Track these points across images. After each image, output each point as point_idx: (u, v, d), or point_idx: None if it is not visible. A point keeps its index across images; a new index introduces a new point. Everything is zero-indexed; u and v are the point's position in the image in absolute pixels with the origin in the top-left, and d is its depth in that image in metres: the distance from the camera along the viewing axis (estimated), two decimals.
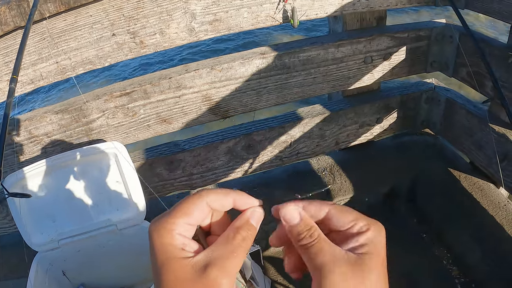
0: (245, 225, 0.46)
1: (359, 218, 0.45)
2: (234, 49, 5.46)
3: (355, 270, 0.41)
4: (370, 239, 0.44)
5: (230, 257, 0.43)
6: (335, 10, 1.49)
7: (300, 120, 1.67)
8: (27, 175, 1.31)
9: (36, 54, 1.33)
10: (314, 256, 0.43)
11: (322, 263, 0.42)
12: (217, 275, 0.41)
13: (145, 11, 1.33)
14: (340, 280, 0.41)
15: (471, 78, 1.57)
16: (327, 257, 0.42)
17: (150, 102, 1.46)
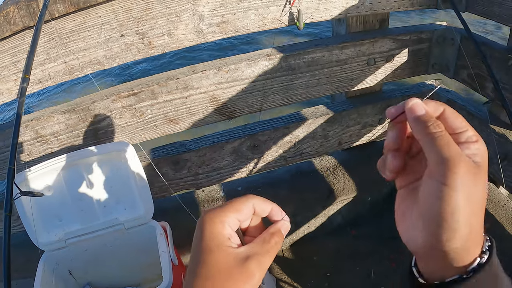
0: (278, 233, 0.50)
1: (469, 126, 0.45)
2: (239, 44, 5.52)
3: (473, 175, 0.41)
4: (480, 150, 0.44)
5: (266, 255, 0.47)
6: (339, 12, 1.51)
7: (304, 121, 1.69)
8: (34, 174, 1.31)
9: (45, 54, 1.34)
10: (442, 148, 0.42)
11: (450, 156, 0.41)
12: (254, 268, 0.45)
13: (154, 13, 1.35)
14: (464, 176, 0.40)
15: (472, 79, 1.60)
16: (455, 152, 0.41)
17: (157, 103, 1.48)
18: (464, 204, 0.40)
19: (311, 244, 1.75)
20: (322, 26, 5.78)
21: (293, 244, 1.76)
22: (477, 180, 0.41)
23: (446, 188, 0.40)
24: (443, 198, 0.40)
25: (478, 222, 0.42)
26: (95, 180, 1.39)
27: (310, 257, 1.71)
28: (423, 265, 0.48)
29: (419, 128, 0.44)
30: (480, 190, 0.42)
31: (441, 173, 0.41)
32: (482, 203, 0.43)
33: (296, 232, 1.75)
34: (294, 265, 1.70)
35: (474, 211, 0.41)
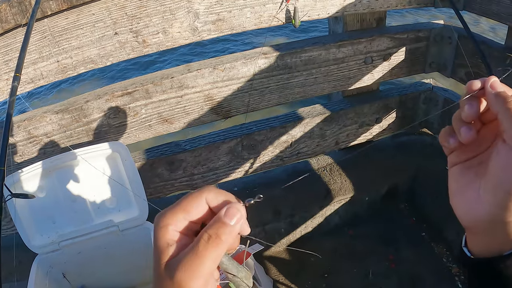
0: (214, 224, 0.42)
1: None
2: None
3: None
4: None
5: (194, 259, 0.41)
6: (336, 10, 1.50)
7: (301, 120, 1.67)
8: (26, 176, 1.29)
9: (37, 52, 1.31)
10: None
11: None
12: (181, 278, 0.40)
13: (148, 10, 1.33)
14: None
15: (469, 78, 1.59)
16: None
17: (152, 102, 1.45)
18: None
19: (308, 245, 1.74)
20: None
21: (290, 244, 1.74)
22: None
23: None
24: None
25: None
26: (88, 181, 1.37)
27: (307, 258, 1.70)
28: (479, 241, 0.51)
29: (500, 102, 0.47)
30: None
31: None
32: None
33: (293, 233, 1.73)
34: (292, 266, 1.68)
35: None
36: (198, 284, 0.40)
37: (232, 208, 0.43)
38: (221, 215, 0.42)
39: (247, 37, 5.74)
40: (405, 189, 1.90)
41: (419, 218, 1.86)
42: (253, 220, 1.68)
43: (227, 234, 0.42)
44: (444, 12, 5.27)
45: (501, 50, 1.48)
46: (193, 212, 0.43)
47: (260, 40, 5.50)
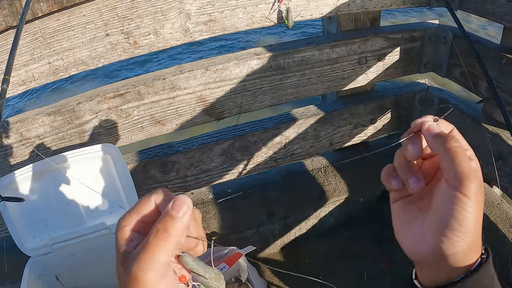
0: (161, 218, 0.44)
1: (469, 147, 0.51)
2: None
3: (480, 190, 0.47)
4: (478, 166, 0.49)
5: (145, 252, 0.42)
6: (330, 11, 1.49)
7: (295, 121, 1.66)
8: (18, 178, 1.28)
9: (28, 54, 1.30)
10: (461, 161, 0.47)
11: (469, 169, 0.47)
12: (136, 271, 0.42)
13: (140, 11, 1.32)
14: (475, 190, 0.46)
15: (465, 78, 1.58)
16: (471, 165, 0.47)
17: (144, 104, 1.45)
18: (475, 211, 0.46)
19: (302, 247, 1.73)
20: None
21: (284, 246, 1.74)
22: (482, 192, 0.48)
23: (463, 197, 0.46)
24: (460, 206, 0.46)
25: (480, 227, 0.49)
26: (81, 183, 1.36)
27: (301, 260, 1.69)
28: (428, 273, 0.53)
29: (439, 143, 0.50)
30: (482, 200, 0.48)
31: (460, 184, 0.46)
32: (481, 216, 0.49)
33: (287, 235, 1.72)
34: (286, 268, 1.67)
35: (479, 218, 0.48)
36: (152, 276, 0.42)
37: (178, 200, 0.44)
38: (168, 209, 0.44)
39: (247, 35, 5.74)
40: None
41: None
42: (247, 222, 1.68)
43: (174, 227, 0.43)
44: (435, 12, 5.29)
45: (496, 49, 1.47)
46: (144, 212, 0.45)
47: (261, 36, 5.51)
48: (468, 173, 0.46)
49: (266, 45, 1.55)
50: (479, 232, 0.49)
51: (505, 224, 1.54)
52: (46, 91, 5.29)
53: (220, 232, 1.65)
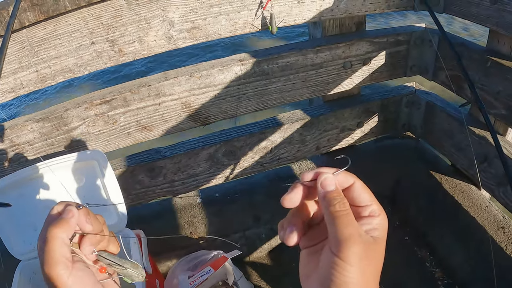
0: (55, 221, 0.57)
1: (374, 201, 0.50)
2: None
3: (369, 251, 0.46)
4: (381, 224, 0.49)
5: (46, 250, 0.54)
6: (313, 16, 1.50)
7: (281, 126, 1.68)
8: (8, 183, 1.31)
9: (17, 62, 1.33)
10: (343, 226, 0.46)
11: (348, 235, 0.45)
12: (46, 270, 0.54)
13: (124, 19, 1.34)
14: (358, 253, 0.45)
15: (450, 81, 1.58)
16: (355, 231, 0.46)
17: (130, 110, 1.47)
18: (356, 276, 0.44)
19: (290, 251, 1.74)
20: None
21: (272, 250, 1.75)
22: (373, 255, 0.47)
23: (340, 262, 0.45)
24: (338, 270, 0.45)
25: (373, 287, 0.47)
26: (68, 188, 1.38)
27: (289, 263, 1.70)
28: None
29: (325, 204, 0.49)
30: (375, 262, 0.47)
31: (338, 249, 0.45)
32: (377, 272, 0.48)
33: (274, 238, 1.73)
34: (273, 272, 1.68)
35: (367, 280, 0.46)
36: (59, 269, 0.53)
37: (67, 209, 0.58)
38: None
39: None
40: (388, 193, 1.90)
41: (402, 222, 1.85)
42: (233, 226, 1.70)
43: (60, 227, 0.55)
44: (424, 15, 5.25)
45: (481, 52, 1.48)
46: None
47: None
48: (347, 239, 0.45)
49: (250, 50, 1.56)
50: (372, 284, 0.47)
51: (493, 226, 1.54)
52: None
53: (207, 236, 1.66)
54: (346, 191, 0.51)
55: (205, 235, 1.66)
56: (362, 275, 0.45)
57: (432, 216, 1.72)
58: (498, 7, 1.35)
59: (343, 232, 0.45)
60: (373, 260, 0.47)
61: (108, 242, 0.63)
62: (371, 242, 0.47)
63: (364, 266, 0.45)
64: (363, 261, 0.45)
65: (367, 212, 0.50)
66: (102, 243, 0.62)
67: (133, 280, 0.62)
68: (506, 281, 1.38)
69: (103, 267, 0.62)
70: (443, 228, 1.67)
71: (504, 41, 1.43)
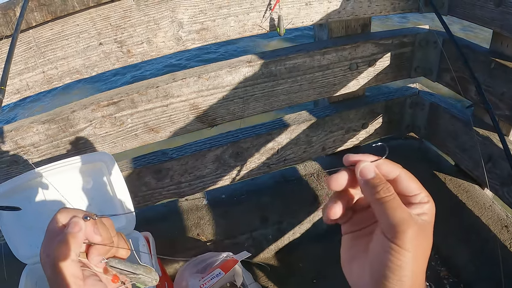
0: (63, 234, 0.54)
1: (422, 189, 0.49)
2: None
3: (421, 233, 0.45)
4: (430, 209, 0.48)
5: (58, 249, 0.53)
6: (320, 18, 1.51)
7: (287, 127, 1.68)
8: (13, 186, 1.29)
9: (23, 63, 1.32)
10: (393, 211, 0.45)
11: (401, 219, 0.45)
12: (55, 263, 0.52)
13: (132, 20, 1.33)
14: (413, 237, 0.44)
15: (455, 83, 1.60)
16: (406, 214, 0.45)
17: (138, 111, 1.46)
18: (411, 260, 0.44)
19: (296, 251, 1.74)
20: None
21: (279, 251, 1.75)
22: (424, 238, 0.46)
23: (396, 247, 0.44)
24: (393, 255, 0.44)
25: (421, 272, 0.47)
26: (75, 191, 1.37)
27: (296, 264, 1.70)
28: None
29: (369, 192, 0.48)
30: (426, 245, 0.47)
31: (391, 235, 0.45)
32: (426, 256, 0.47)
33: (281, 239, 1.74)
34: (280, 273, 1.69)
35: (418, 265, 0.45)
36: (69, 277, 0.52)
37: (73, 221, 0.55)
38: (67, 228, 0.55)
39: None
40: None
41: None
42: (240, 227, 1.69)
43: (67, 245, 0.53)
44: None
45: (486, 54, 1.49)
46: (54, 233, 0.55)
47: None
48: (401, 223, 0.44)
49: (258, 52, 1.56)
50: (419, 277, 0.46)
51: (497, 225, 1.56)
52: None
53: (214, 237, 1.66)
54: (392, 182, 0.49)
55: (212, 236, 1.66)
56: (415, 260, 0.44)
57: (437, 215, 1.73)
58: (502, 9, 1.36)
59: (395, 216, 0.45)
60: (424, 244, 0.46)
61: (117, 248, 0.60)
62: (424, 224, 0.46)
63: (416, 249, 0.44)
64: (416, 245, 0.44)
65: (416, 200, 0.49)
66: (112, 249, 0.59)
67: (147, 285, 0.61)
68: (510, 279, 1.40)
69: (115, 276, 0.59)
70: (448, 227, 1.69)
71: (508, 43, 1.45)
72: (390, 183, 0.49)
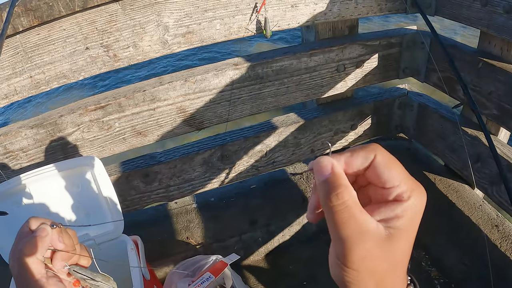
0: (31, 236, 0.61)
1: (404, 180, 0.39)
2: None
3: (382, 247, 0.38)
4: (408, 211, 0.39)
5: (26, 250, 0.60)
6: (306, 20, 1.51)
7: (275, 129, 1.68)
8: (2, 191, 1.29)
9: (10, 68, 1.32)
10: (342, 224, 0.37)
11: (347, 235, 0.37)
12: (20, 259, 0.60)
13: (118, 24, 1.34)
14: (363, 257, 0.37)
15: (442, 83, 1.60)
16: (356, 229, 0.37)
17: (125, 115, 1.47)
18: (367, 277, 0.38)
19: (286, 253, 1.74)
20: None
21: (268, 253, 1.74)
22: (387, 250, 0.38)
23: (343, 267, 0.38)
24: (343, 274, 0.39)
25: (393, 281, 0.41)
26: (64, 195, 1.37)
27: (286, 266, 1.70)
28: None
29: (320, 196, 0.40)
30: (395, 255, 0.39)
31: (338, 252, 0.38)
32: (398, 264, 0.40)
33: (271, 242, 1.73)
34: (270, 275, 1.68)
35: (383, 278, 0.39)
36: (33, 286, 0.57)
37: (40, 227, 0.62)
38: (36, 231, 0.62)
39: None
40: None
41: None
42: (229, 230, 1.69)
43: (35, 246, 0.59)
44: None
45: (473, 54, 1.50)
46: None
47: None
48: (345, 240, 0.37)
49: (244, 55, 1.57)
50: (389, 281, 0.40)
51: (487, 225, 1.56)
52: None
53: (203, 240, 1.66)
54: (369, 170, 0.41)
55: (202, 240, 1.65)
56: (369, 276, 0.38)
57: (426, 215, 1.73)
58: (489, 9, 1.37)
59: (341, 232, 0.37)
60: (389, 256, 0.39)
61: (79, 257, 0.66)
62: (383, 238, 0.38)
63: (373, 265, 0.38)
64: (371, 261, 0.38)
65: (392, 195, 0.39)
66: (74, 257, 0.64)
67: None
68: (500, 278, 1.40)
69: (76, 281, 0.65)
70: (438, 228, 1.68)
71: (495, 43, 1.46)
72: (369, 172, 0.41)
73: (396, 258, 0.39)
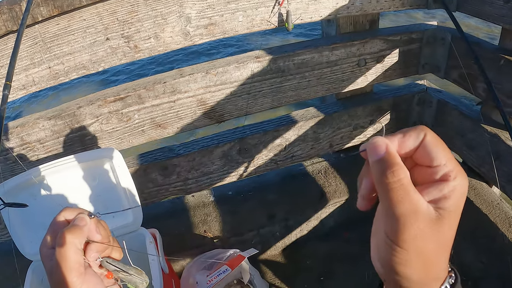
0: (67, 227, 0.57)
1: (450, 160, 0.40)
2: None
3: (432, 228, 0.39)
4: (455, 191, 0.39)
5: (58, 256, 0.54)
6: (329, 13, 1.49)
7: (295, 123, 1.67)
8: (18, 183, 1.28)
9: (28, 59, 1.30)
10: (396, 202, 0.38)
11: (402, 213, 0.38)
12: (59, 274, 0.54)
13: (140, 15, 1.32)
14: (416, 236, 0.38)
15: (463, 79, 1.59)
16: (410, 208, 0.38)
17: (145, 107, 1.45)
18: (415, 257, 0.39)
19: (303, 248, 1.74)
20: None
21: (286, 248, 1.74)
22: (436, 232, 0.39)
23: (394, 245, 0.39)
24: (392, 253, 0.40)
25: (437, 263, 0.42)
26: (82, 187, 1.36)
27: (303, 261, 1.69)
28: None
29: (375, 175, 0.41)
30: (441, 239, 0.40)
31: (389, 230, 0.39)
32: (443, 246, 0.41)
33: (288, 236, 1.73)
34: (287, 270, 1.68)
35: (429, 259, 0.40)
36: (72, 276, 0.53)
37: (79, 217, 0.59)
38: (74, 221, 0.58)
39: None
40: None
41: None
42: (247, 224, 1.68)
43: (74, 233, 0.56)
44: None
45: (494, 51, 1.48)
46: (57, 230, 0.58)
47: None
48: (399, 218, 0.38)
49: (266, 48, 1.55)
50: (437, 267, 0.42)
51: (505, 223, 1.55)
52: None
53: (221, 234, 1.65)
54: (418, 149, 0.41)
55: (219, 233, 1.65)
56: (419, 256, 0.39)
57: None
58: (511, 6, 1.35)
59: (396, 210, 0.38)
60: (437, 237, 0.39)
61: (112, 249, 0.64)
62: (434, 219, 0.39)
63: (422, 245, 0.39)
64: (421, 241, 0.38)
65: (439, 174, 0.40)
66: (106, 250, 0.63)
67: (137, 287, 0.64)
68: None
69: (109, 273, 0.63)
70: None
71: None
72: (417, 152, 0.42)
73: (443, 240, 0.40)
